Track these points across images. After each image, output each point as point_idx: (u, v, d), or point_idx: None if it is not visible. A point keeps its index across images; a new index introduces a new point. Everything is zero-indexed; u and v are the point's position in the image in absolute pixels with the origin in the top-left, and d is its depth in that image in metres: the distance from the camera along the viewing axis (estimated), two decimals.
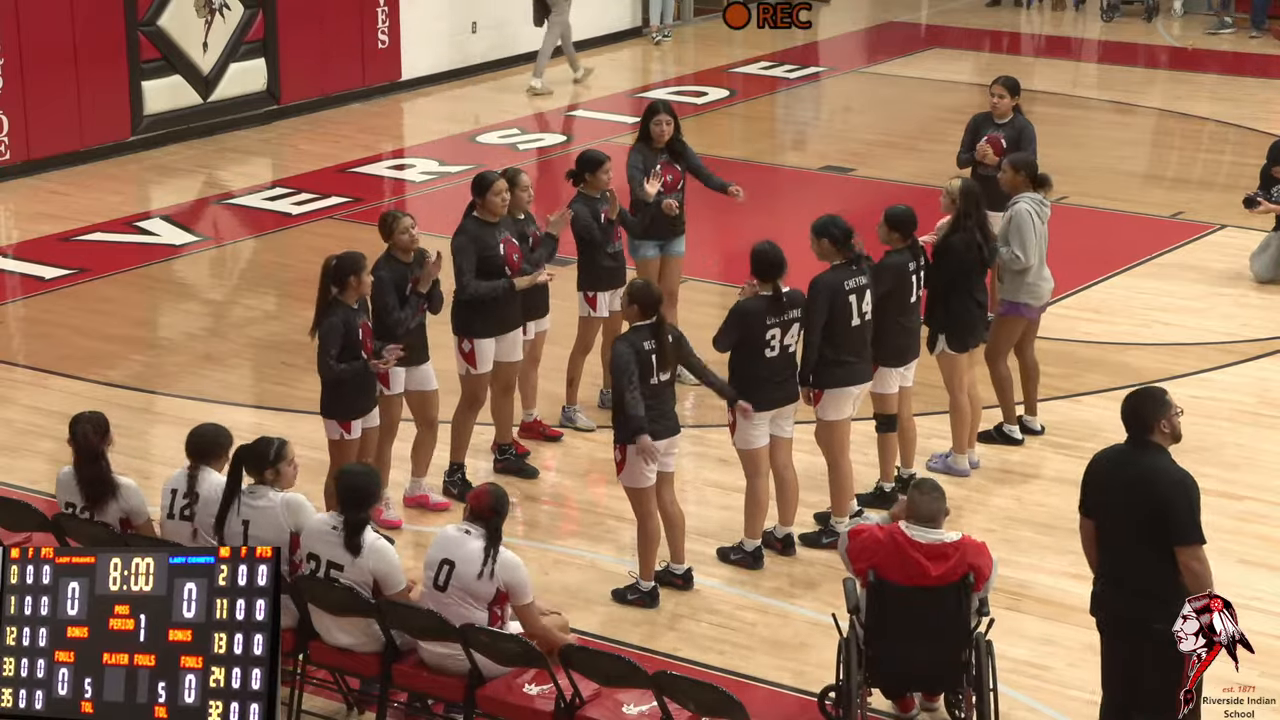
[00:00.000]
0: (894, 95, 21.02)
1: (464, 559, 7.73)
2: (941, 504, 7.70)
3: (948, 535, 7.67)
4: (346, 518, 7.82)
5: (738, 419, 9.47)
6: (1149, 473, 7.21)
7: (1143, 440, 7.29)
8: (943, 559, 7.61)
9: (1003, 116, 12.40)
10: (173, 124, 18.19)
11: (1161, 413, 7.29)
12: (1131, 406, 7.38)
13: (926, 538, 7.62)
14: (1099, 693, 7.81)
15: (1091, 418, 11.60)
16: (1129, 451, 7.35)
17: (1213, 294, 13.96)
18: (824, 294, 9.54)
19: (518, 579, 7.75)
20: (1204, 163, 18.54)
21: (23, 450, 11.12)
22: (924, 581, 7.60)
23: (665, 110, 11.68)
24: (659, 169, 11.51)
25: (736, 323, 9.39)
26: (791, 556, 9.79)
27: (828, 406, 9.75)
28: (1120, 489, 7.30)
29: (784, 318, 9.40)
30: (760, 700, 8.23)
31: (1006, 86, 12.45)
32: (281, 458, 8.15)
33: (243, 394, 12.26)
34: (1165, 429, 7.29)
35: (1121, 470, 7.33)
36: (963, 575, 7.62)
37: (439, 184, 17.04)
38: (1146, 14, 24.63)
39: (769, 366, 9.41)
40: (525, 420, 11.26)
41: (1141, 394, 7.47)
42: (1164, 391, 7.44)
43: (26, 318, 13.91)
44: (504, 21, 21.43)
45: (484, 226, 10.33)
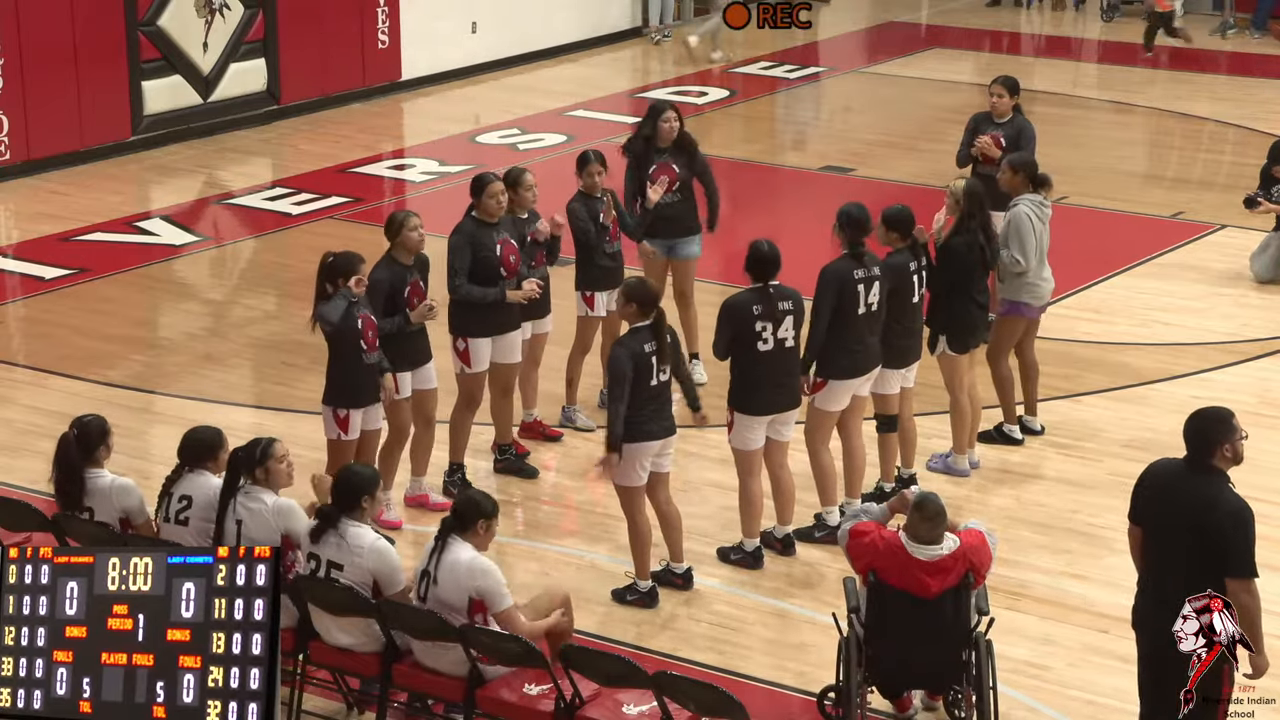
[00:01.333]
0: (894, 95, 21.02)
1: (441, 570, 7.69)
2: (942, 526, 7.61)
3: (947, 546, 7.62)
4: (323, 508, 7.89)
5: (735, 418, 9.47)
6: (1207, 499, 6.98)
7: (1203, 463, 7.05)
8: (943, 574, 7.58)
9: (1002, 116, 12.40)
10: (173, 124, 18.19)
11: (1226, 436, 7.05)
12: (1195, 427, 7.10)
13: (927, 554, 7.59)
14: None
15: (1091, 418, 11.61)
16: (1187, 472, 7.10)
17: (1213, 294, 13.95)
18: (833, 283, 9.58)
19: (488, 585, 7.63)
20: (1204, 163, 18.54)
21: (23, 450, 11.13)
22: (924, 594, 7.58)
23: (670, 108, 11.69)
24: (652, 170, 11.50)
25: (725, 320, 9.40)
26: (791, 556, 9.79)
27: (827, 396, 9.76)
28: (1175, 509, 7.08)
29: (774, 309, 9.38)
30: (760, 700, 8.22)
31: (1006, 86, 12.44)
32: (269, 456, 8.15)
33: (243, 394, 12.26)
34: (1228, 453, 7.05)
35: (1178, 490, 7.10)
36: (962, 576, 7.62)
37: (439, 184, 17.04)
38: (1146, 14, 24.61)
39: (766, 364, 9.38)
40: (525, 420, 11.26)
41: (1207, 415, 7.17)
42: (1230, 414, 7.16)
43: (26, 318, 13.91)
44: (504, 21, 21.43)
45: (482, 227, 10.33)
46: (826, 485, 9.96)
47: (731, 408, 9.51)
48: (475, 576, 7.62)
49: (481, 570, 7.64)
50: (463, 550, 7.68)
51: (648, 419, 9.02)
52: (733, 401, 9.51)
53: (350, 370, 9.50)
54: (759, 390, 9.43)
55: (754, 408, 9.45)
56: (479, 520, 7.75)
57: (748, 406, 9.46)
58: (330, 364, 9.57)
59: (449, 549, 7.70)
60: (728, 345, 9.42)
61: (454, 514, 7.84)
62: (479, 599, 7.62)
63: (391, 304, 9.71)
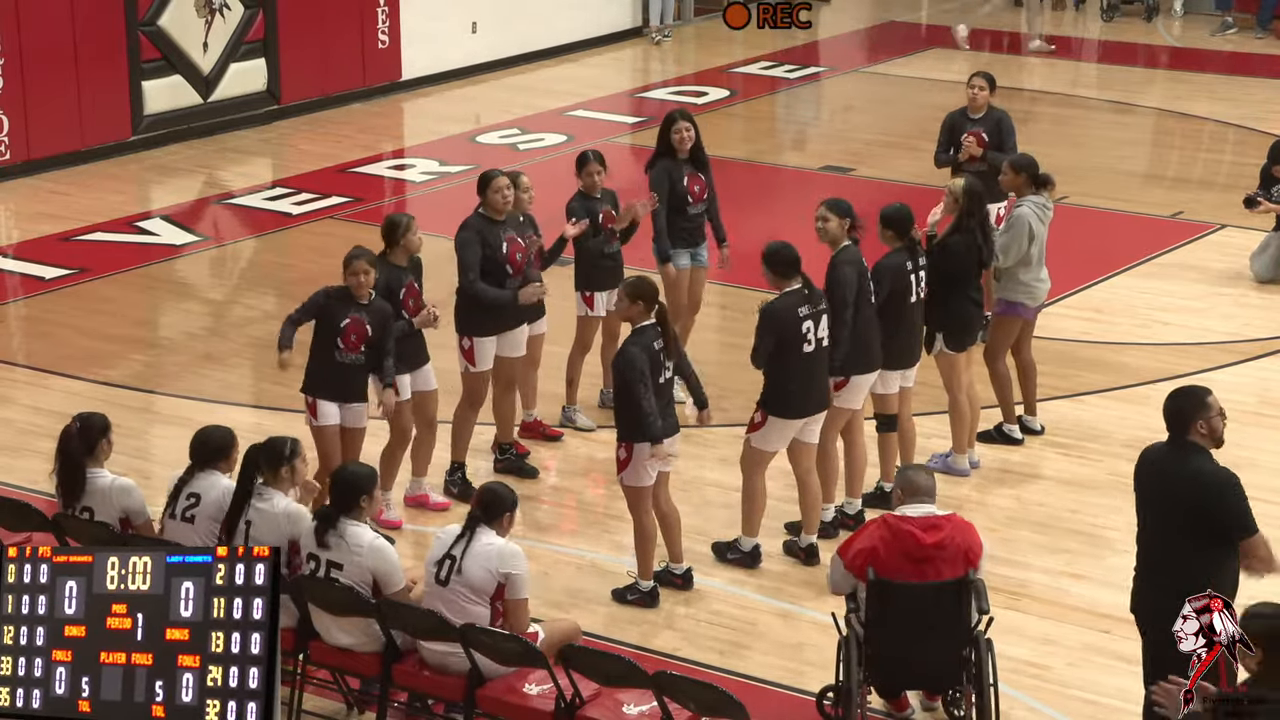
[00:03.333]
0: (894, 95, 21.02)
1: (469, 554, 7.75)
2: (927, 482, 7.79)
3: (938, 510, 7.75)
4: (321, 508, 7.96)
5: (768, 421, 9.40)
6: (1189, 474, 7.16)
7: (1181, 440, 7.23)
8: (935, 529, 7.66)
9: (979, 110, 12.49)
10: (173, 124, 18.19)
11: (1199, 414, 7.21)
12: (1171, 404, 7.30)
13: (918, 512, 7.69)
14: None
15: (1091, 418, 11.61)
16: (1168, 450, 7.29)
17: (1213, 294, 13.95)
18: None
19: (517, 572, 7.74)
20: (1204, 162, 18.54)
21: (23, 450, 11.12)
22: (920, 555, 7.61)
23: (684, 118, 11.54)
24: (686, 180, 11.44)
25: (770, 325, 9.29)
26: (815, 566, 9.72)
27: (849, 394, 9.78)
28: (1160, 487, 7.27)
29: (817, 307, 9.37)
30: (760, 700, 8.22)
31: (988, 80, 12.57)
32: (296, 454, 8.22)
33: (243, 394, 12.27)
34: (1203, 430, 7.20)
35: (1160, 469, 7.29)
36: (964, 570, 7.62)
37: (439, 184, 17.04)
38: (1146, 14, 24.63)
39: (803, 367, 9.31)
40: (525, 420, 11.26)
41: (1181, 392, 7.37)
42: (1207, 392, 7.34)
43: (27, 317, 13.91)
44: (504, 21, 21.43)
45: (488, 223, 10.34)
46: (830, 483, 9.96)
47: (765, 410, 9.42)
48: (507, 563, 7.75)
49: (513, 555, 7.78)
50: (493, 537, 7.81)
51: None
52: (769, 406, 9.40)
53: (319, 359, 9.58)
54: (797, 393, 9.36)
55: (791, 411, 9.40)
56: (504, 512, 7.88)
57: (785, 410, 9.39)
58: (311, 348, 9.66)
59: (478, 536, 7.79)
60: (770, 351, 9.31)
61: (481, 506, 7.91)
62: (504, 584, 7.73)
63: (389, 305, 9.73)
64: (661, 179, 11.39)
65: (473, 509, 7.92)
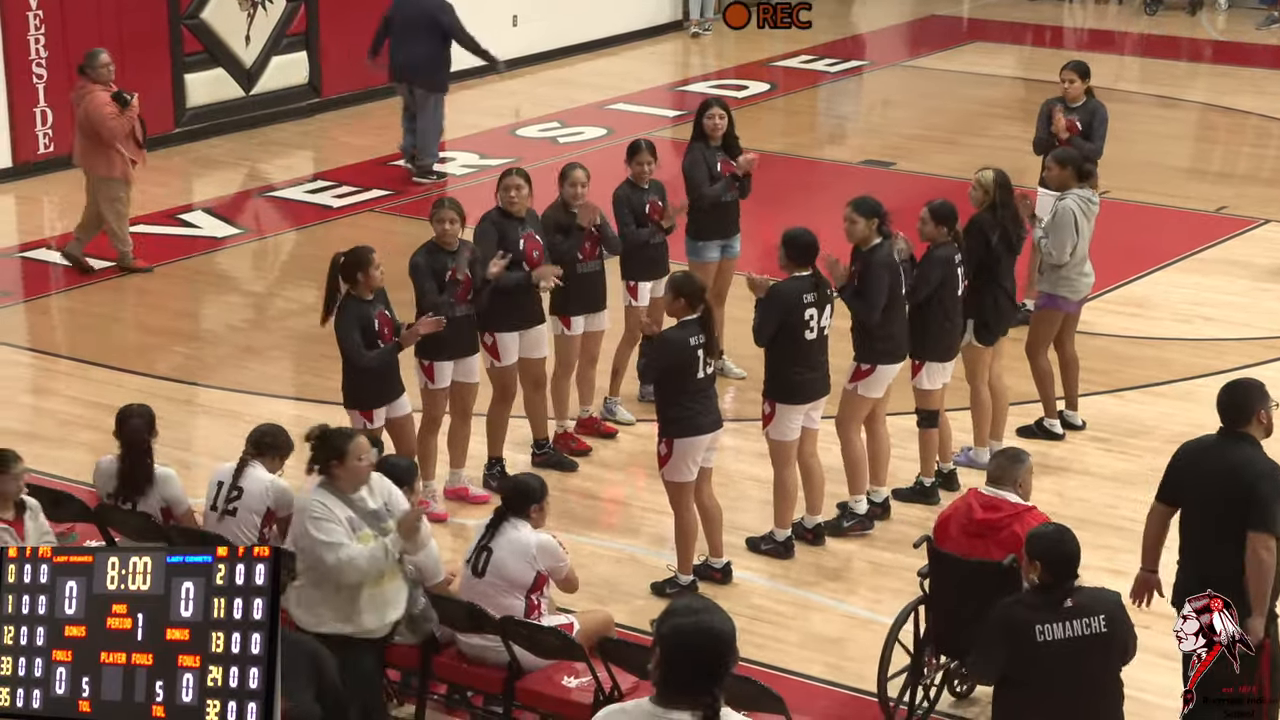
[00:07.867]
0: (935, 89, 20.94)
1: (501, 546, 7.76)
2: (1007, 469, 7.87)
3: (1012, 497, 7.82)
4: None
5: (776, 410, 9.45)
6: (1237, 463, 7.13)
7: (1235, 431, 7.21)
8: (994, 510, 7.76)
9: (1075, 100, 12.51)
10: (215, 117, 18.25)
11: (1262, 402, 7.23)
12: (1230, 394, 7.28)
13: (990, 491, 7.84)
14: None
15: (1132, 413, 11.55)
16: (1219, 442, 7.27)
17: (1256, 289, 13.87)
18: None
19: (555, 565, 7.87)
20: (1248, 157, 18.42)
21: (65, 441, 11.18)
22: (972, 529, 7.73)
23: (718, 105, 11.59)
24: (719, 168, 11.44)
25: (775, 307, 9.37)
26: (821, 546, 9.75)
27: (872, 383, 9.77)
28: (1208, 481, 7.22)
29: (824, 295, 9.40)
30: (798, 694, 8.20)
31: (1077, 71, 12.61)
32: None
33: (283, 386, 12.30)
34: (1264, 419, 7.23)
35: (1210, 461, 7.25)
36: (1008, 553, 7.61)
37: (480, 176, 17.04)
38: (1190, 8, 24.47)
39: (806, 354, 9.38)
40: (581, 417, 11.24)
41: (1241, 383, 7.38)
42: (1263, 384, 7.37)
43: (70, 309, 13.99)
44: (544, 14, 21.42)
45: (506, 219, 10.35)
46: (858, 474, 9.96)
47: (772, 400, 9.48)
48: (545, 557, 7.83)
49: (549, 551, 7.85)
50: (527, 530, 7.86)
51: (697, 413, 9.02)
52: (773, 394, 9.49)
53: (373, 371, 9.54)
54: (798, 379, 9.42)
55: (795, 397, 9.45)
56: (529, 505, 7.90)
57: (789, 396, 9.45)
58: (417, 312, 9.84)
59: (508, 529, 7.84)
60: (773, 333, 9.39)
61: (504, 500, 7.97)
62: (545, 575, 7.83)
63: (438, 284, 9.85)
64: (697, 165, 11.39)
65: (499, 506, 7.98)
